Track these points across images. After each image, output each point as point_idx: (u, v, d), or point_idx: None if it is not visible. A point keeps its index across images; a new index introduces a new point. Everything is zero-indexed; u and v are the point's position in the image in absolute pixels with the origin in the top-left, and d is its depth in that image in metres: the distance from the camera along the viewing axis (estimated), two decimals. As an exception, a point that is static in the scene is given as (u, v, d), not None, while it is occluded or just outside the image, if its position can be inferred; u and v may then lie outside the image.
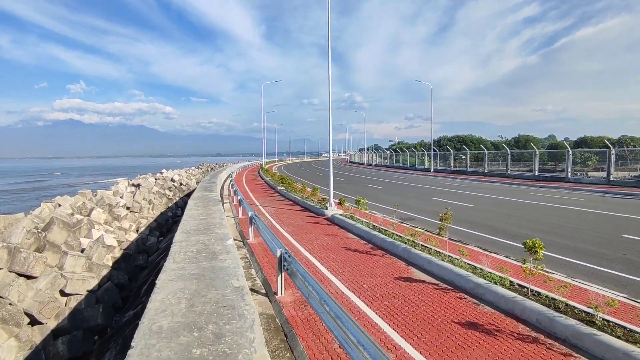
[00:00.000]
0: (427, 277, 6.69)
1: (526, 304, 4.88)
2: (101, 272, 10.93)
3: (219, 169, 56.07)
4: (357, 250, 8.61)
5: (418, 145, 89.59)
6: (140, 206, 21.91)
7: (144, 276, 14.89)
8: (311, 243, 9.32)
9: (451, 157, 43.74)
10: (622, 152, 29.70)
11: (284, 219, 12.88)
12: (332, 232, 10.63)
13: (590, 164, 40.77)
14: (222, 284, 3.75)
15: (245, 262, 7.67)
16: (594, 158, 40.92)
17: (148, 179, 29.84)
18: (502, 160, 45.28)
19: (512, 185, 26.33)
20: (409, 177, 36.40)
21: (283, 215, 13.79)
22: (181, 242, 5.53)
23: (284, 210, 14.86)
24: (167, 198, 28.95)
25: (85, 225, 12.66)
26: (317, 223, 12.11)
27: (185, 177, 41.77)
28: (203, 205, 10.61)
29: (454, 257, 7.08)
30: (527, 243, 5.12)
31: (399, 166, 57.06)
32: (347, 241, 9.54)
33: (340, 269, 7.20)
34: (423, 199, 19.09)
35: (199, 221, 7.62)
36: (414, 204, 17.29)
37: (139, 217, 21.25)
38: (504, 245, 9.24)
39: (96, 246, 11.25)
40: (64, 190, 38.51)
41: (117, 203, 18.10)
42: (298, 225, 11.67)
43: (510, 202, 17.34)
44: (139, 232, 20.03)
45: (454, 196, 20.05)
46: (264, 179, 32.52)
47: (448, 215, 7.14)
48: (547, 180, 28.51)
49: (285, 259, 5.64)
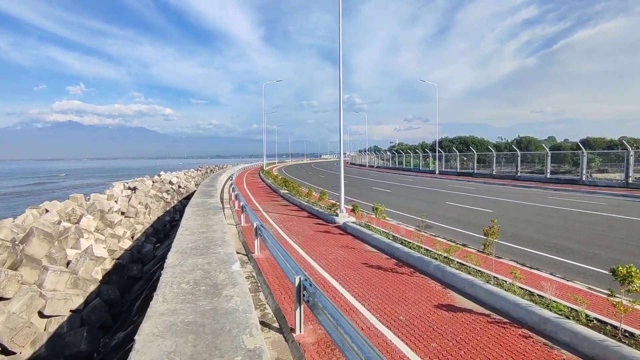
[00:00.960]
0: (472, 304, 5.55)
1: (624, 352, 3.74)
2: (88, 288, 9.76)
3: (218, 171, 54.91)
4: (380, 267, 7.47)
5: (419, 147, 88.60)
6: (136, 211, 20.73)
7: (137, 288, 13.72)
8: (325, 257, 8.17)
9: (457, 158, 42.62)
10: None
11: (291, 227, 11.73)
12: (346, 244, 9.49)
13: (594, 166, 39.88)
14: (229, 343, 2.64)
15: (252, 284, 6.53)
16: (597, 159, 39.94)
17: (145, 181, 28.67)
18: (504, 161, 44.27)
19: (524, 188, 25.20)
20: (414, 180, 35.28)
21: (290, 222, 12.65)
22: (174, 266, 4.41)
23: (290, 217, 13.71)
24: (165, 202, 27.78)
25: (72, 234, 11.49)
26: (329, 232, 10.96)
27: (184, 179, 40.60)
28: (202, 214, 9.45)
29: (500, 279, 5.95)
30: (619, 270, 3.98)
31: (402, 168, 55.97)
32: (366, 255, 8.39)
33: (365, 293, 6.05)
34: (436, 204, 17.96)
35: (197, 235, 6.49)
36: (427, 209, 16.15)
37: (135, 222, 20.08)
38: (550, 262, 8.07)
39: (83, 259, 10.08)
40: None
41: (110, 208, 16.93)
42: (308, 235, 10.51)
43: (531, 207, 16.20)
44: (134, 238, 18.86)
45: (468, 200, 18.92)
46: (266, 181, 31.39)
47: (494, 229, 5.97)
48: (560, 182, 27.39)
49: (305, 288, 4.50)
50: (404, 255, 7.88)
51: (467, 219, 13.40)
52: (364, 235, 9.90)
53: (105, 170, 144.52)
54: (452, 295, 5.93)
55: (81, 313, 8.95)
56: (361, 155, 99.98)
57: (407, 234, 9.38)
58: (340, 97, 12.54)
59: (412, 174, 45.53)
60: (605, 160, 38.63)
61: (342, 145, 12.72)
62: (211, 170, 62.44)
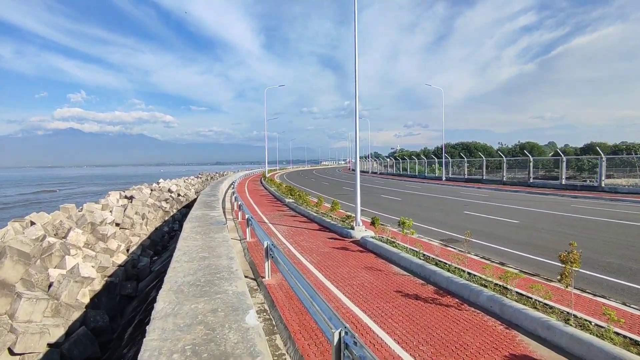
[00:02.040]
0: (555, 356, 4.27)
1: None
2: (71, 316, 8.48)
3: (219, 178, 53.70)
4: (418, 296, 6.19)
5: (421, 153, 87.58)
6: (132, 222, 19.46)
7: (131, 310, 12.41)
8: (349, 283, 6.90)
9: (464, 164, 41.40)
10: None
11: (302, 243, 10.45)
12: (370, 264, 8.21)
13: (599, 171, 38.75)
14: None
15: (264, 320, 5.26)
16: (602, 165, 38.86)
17: (143, 190, 27.42)
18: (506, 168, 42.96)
19: (541, 196, 23.94)
20: (422, 187, 34.02)
21: (300, 236, 11.37)
22: (166, 318, 3.14)
23: (300, 230, 12.44)
24: (164, 211, 26.52)
25: (57, 251, 10.23)
26: (346, 249, 9.68)
27: (184, 187, 39.35)
28: (203, 231, 8.16)
29: (581, 318, 4.68)
30: None
31: (406, 174, 54.73)
32: (397, 279, 7.12)
33: (410, 336, 4.77)
34: (453, 213, 16.69)
35: (197, 263, 5.20)
36: (446, 219, 14.88)
37: (130, 234, 18.81)
38: (631, 292, 6.76)
39: (67, 281, 8.80)
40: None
41: (103, 220, 15.65)
42: (323, 253, 9.24)
43: (560, 217, 14.92)
44: (129, 252, 17.58)
45: (486, 209, 17.65)
46: (269, 189, 30.15)
47: (574, 256, 4.67)
48: (576, 189, 26.13)
49: (347, 346, 3.23)
50: (444, 281, 6.60)
51: (496, 232, 12.12)
52: (389, 253, 8.62)
53: (108, 177, 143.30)
54: (521, 339, 4.65)
55: (61, 347, 7.66)
56: (364, 162, 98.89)
57: (442, 253, 8.11)
58: (356, 103, 11.36)
59: (417, 180, 44.31)
60: (610, 165, 37.65)
61: (357, 151, 11.48)
62: (211, 178, 61.22)
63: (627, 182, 28.07)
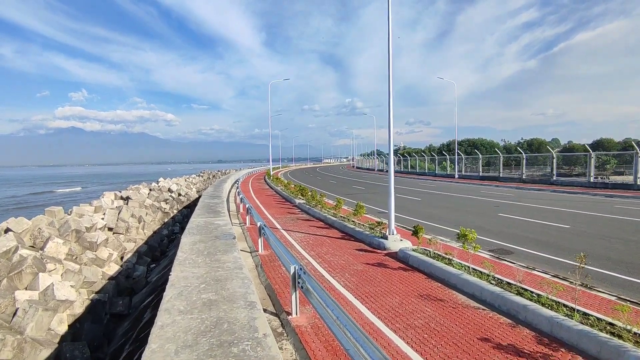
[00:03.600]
0: None
1: None
2: (39, 355, 6.64)
3: (221, 176, 51.86)
4: (517, 349, 4.29)
5: (427, 150, 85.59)
6: (127, 226, 17.62)
7: (121, 335, 10.57)
8: (409, 324, 5.00)
9: (479, 161, 39.42)
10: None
11: (327, 257, 8.57)
12: (423, 290, 6.30)
13: (609, 168, 37.19)
14: None
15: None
16: (612, 161, 37.15)
17: (140, 190, 25.55)
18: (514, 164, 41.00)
19: (570, 195, 21.99)
20: (436, 185, 32.09)
21: (322, 247, 9.48)
22: None
23: (320, 239, 10.55)
24: (163, 212, 24.68)
25: (29, 267, 8.38)
26: (383, 266, 7.79)
27: (185, 186, 37.52)
28: (207, 250, 6.25)
29: None
30: None
31: (415, 172, 52.84)
32: (470, 316, 5.22)
33: None
34: (486, 215, 14.78)
35: (198, 317, 3.29)
36: (481, 223, 12.98)
37: (125, 239, 16.97)
38: None
39: (33, 310, 6.95)
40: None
41: (93, 225, 13.80)
42: (357, 272, 7.34)
43: (613, 221, 12.98)
44: (123, 259, 15.76)
45: (522, 210, 15.74)
46: (275, 188, 28.29)
47: None
48: (608, 187, 24.13)
49: None
50: (545, 324, 4.70)
51: (552, 240, 10.20)
52: (444, 274, 6.72)
53: (116, 176, 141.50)
54: None
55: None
56: (369, 159, 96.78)
57: (505, 270, 6.18)
58: (390, 88, 9.44)
59: (429, 178, 42.39)
60: (620, 162, 35.91)
61: (391, 144, 9.54)
62: (213, 176, 59.38)
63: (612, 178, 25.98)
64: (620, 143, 62.17)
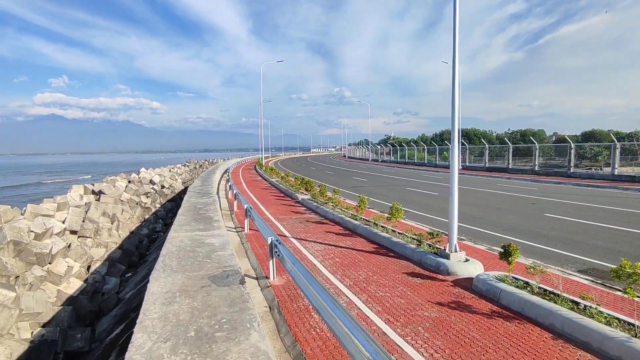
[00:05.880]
0: None
1: None
2: None
3: (209, 167, 48.63)
4: None
5: (419, 140, 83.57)
6: (96, 227, 14.64)
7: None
8: None
9: (485, 152, 37.20)
10: None
11: (370, 288, 5.90)
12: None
13: (601, 159, 35.84)
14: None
15: None
16: (604, 153, 35.71)
17: (117, 182, 22.37)
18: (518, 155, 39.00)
19: (600, 189, 19.81)
20: (444, 177, 29.72)
21: (357, 271, 6.80)
22: None
23: (347, 254, 7.88)
24: (143, 207, 21.66)
25: None
26: (464, 307, 5.16)
27: (169, 177, 34.33)
28: (193, 326, 3.24)
29: None
30: None
31: (413, 162, 50.52)
32: None
33: None
34: (532, 217, 12.33)
35: None
36: (536, 227, 10.49)
37: (93, 244, 14.04)
38: None
39: None
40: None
41: (46, 231, 10.84)
42: (433, 324, 4.70)
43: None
44: (90, 270, 12.87)
45: (566, 210, 13.35)
46: (269, 180, 25.49)
47: None
48: (635, 181, 22.08)
49: None
50: None
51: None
52: (580, 330, 4.12)
53: (108, 165, 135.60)
54: None
55: None
56: (358, 149, 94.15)
57: None
58: (455, 62, 6.68)
59: (429, 169, 40.08)
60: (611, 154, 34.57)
61: (456, 131, 6.83)
62: (200, 166, 56.01)
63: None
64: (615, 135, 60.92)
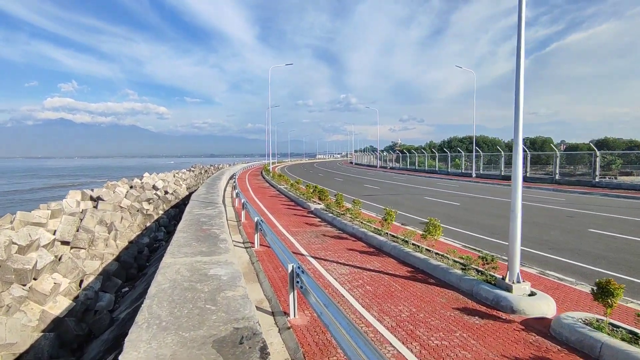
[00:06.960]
0: None
1: None
2: None
3: (214, 172, 47.60)
4: None
5: (427, 147, 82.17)
6: (91, 237, 13.47)
7: None
8: None
9: (502, 159, 35.74)
10: None
11: (419, 332, 4.61)
12: None
13: (614, 167, 34.33)
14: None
15: None
16: (617, 161, 34.21)
17: (117, 188, 21.27)
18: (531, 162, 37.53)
19: (635, 200, 18.33)
20: (459, 185, 28.34)
21: (394, 303, 5.51)
22: None
23: (378, 279, 6.58)
24: (144, 215, 20.50)
25: None
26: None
27: (173, 182, 33.26)
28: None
29: None
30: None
31: (423, 169, 49.05)
32: None
33: None
34: (575, 233, 10.92)
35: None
36: (588, 246, 9.09)
37: (87, 256, 12.85)
38: None
39: None
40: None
41: (32, 242, 9.68)
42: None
43: None
44: (82, 285, 11.66)
45: (610, 225, 11.94)
46: (277, 187, 24.26)
47: None
48: (670, 192, 20.52)
49: None
50: None
51: None
52: None
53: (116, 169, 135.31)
54: None
55: None
56: (365, 155, 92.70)
57: None
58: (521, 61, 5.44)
59: (442, 176, 38.64)
60: (625, 162, 33.23)
61: (519, 138, 5.54)
62: (205, 171, 55.01)
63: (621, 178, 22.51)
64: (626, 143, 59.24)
